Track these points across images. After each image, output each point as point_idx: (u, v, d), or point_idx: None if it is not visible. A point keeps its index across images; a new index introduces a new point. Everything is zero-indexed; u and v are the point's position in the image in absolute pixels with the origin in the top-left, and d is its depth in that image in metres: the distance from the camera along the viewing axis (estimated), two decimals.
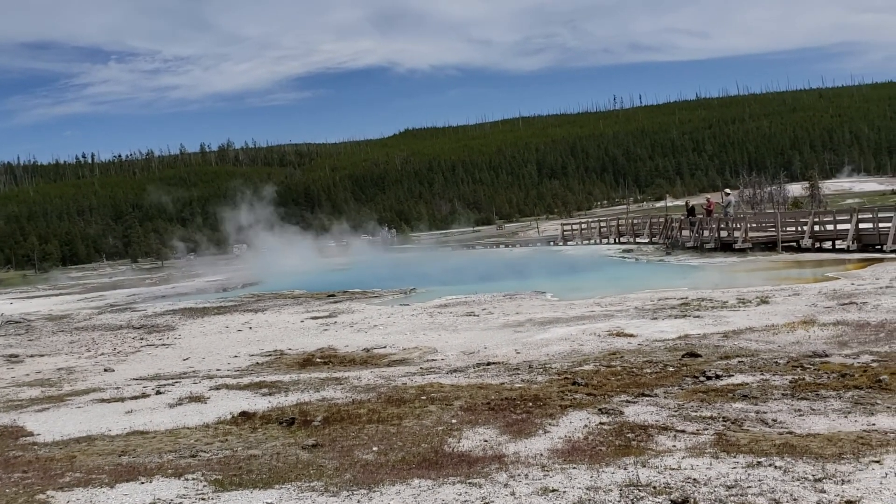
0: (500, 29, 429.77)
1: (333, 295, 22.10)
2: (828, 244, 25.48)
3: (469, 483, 5.25)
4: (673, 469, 5.24)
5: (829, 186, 73.40)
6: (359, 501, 5.05)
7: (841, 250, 24.13)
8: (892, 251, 21.71)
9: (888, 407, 6.92)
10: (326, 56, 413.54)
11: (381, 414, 7.75)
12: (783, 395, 7.69)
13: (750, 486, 4.78)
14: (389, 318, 16.36)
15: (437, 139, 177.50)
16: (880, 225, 23.06)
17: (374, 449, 6.50)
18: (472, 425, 7.09)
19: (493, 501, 4.83)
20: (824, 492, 4.61)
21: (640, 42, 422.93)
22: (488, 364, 10.56)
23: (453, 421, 7.28)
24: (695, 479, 4.98)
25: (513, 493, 4.95)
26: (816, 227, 25.85)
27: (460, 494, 5.03)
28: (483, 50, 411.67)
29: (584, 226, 46.65)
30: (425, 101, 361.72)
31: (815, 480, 4.81)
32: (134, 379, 11.32)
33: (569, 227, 48.50)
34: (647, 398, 7.86)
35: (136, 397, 9.58)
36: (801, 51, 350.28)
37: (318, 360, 12.25)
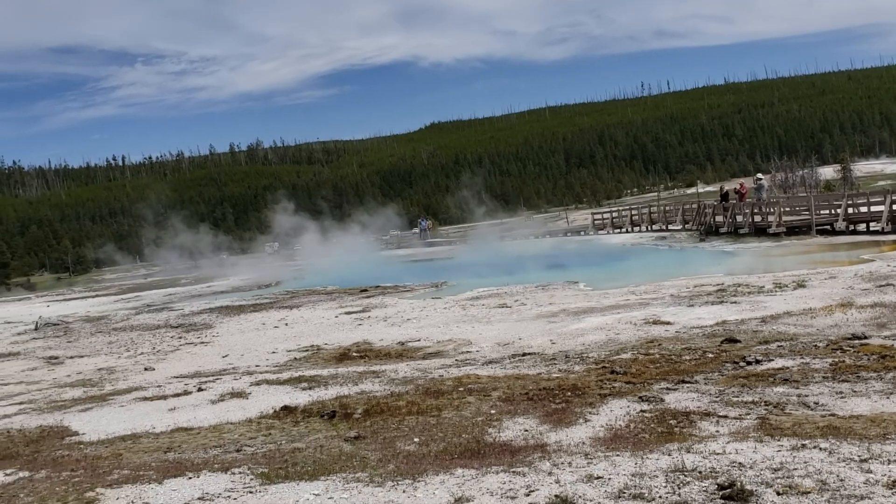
0: (524, 19, 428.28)
1: (366, 290, 22.20)
2: (862, 226, 25.20)
3: (513, 472, 5.28)
4: (718, 454, 5.23)
5: (861, 168, 72.40)
6: (404, 491, 5.10)
7: (875, 232, 23.85)
8: None
9: None
10: (351, 53, 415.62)
11: (420, 406, 7.80)
12: (824, 377, 7.64)
13: (796, 468, 4.77)
14: (422, 312, 16.42)
15: (463, 132, 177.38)
16: None
17: (416, 440, 6.54)
18: (511, 415, 7.11)
19: (537, 489, 4.86)
20: (871, 472, 4.60)
21: (666, 28, 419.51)
22: (524, 355, 10.58)
23: (492, 411, 7.31)
24: (740, 463, 4.98)
25: (557, 481, 4.97)
26: (850, 210, 25.58)
27: (504, 483, 5.06)
28: (507, 41, 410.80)
29: (615, 214, 46.42)
30: (451, 95, 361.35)
31: (861, 461, 4.80)
32: (175, 377, 11.47)
33: (599, 216, 48.29)
34: (688, 385, 7.84)
35: (178, 395, 9.70)
36: (827, 33, 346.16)
37: (355, 354, 12.33)
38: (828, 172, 57.68)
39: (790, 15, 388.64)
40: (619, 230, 42.49)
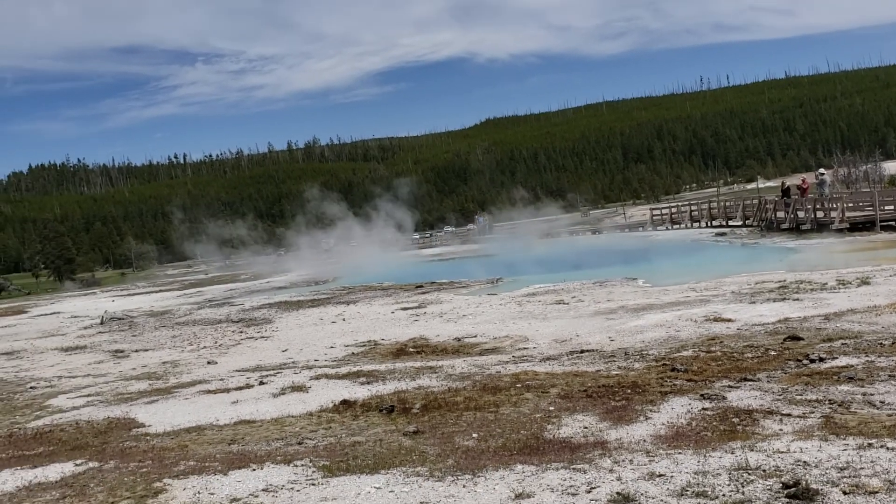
0: (579, 14, 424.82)
1: (421, 286, 22.30)
2: None
3: (573, 469, 5.28)
4: (782, 452, 5.16)
5: None
6: (464, 486, 5.13)
7: None
8: None
9: None
10: (406, 50, 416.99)
11: (477, 401, 7.83)
12: (890, 376, 7.47)
13: (863, 468, 4.68)
14: (478, 308, 16.43)
15: (518, 127, 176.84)
16: None
17: (474, 435, 6.57)
18: (570, 412, 7.10)
19: (599, 486, 4.85)
20: None
21: (724, 22, 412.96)
22: (582, 352, 10.53)
23: (551, 408, 7.30)
24: (805, 462, 4.90)
25: (619, 479, 4.95)
26: None
27: (565, 480, 5.05)
28: (562, 36, 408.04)
29: (673, 210, 45.87)
30: (506, 90, 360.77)
31: None
32: (236, 370, 11.68)
33: (658, 212, 47.77)
34: (750, 383, 7.73)
35: (240, 388, 9.88)
36: (891, 25, 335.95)
37: (411, 349, 12.40)
38: (892, 167, 56.14)
39: (853, 6, 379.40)
40: (677, 226, 41.98)
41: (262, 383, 10.02)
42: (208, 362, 13.04)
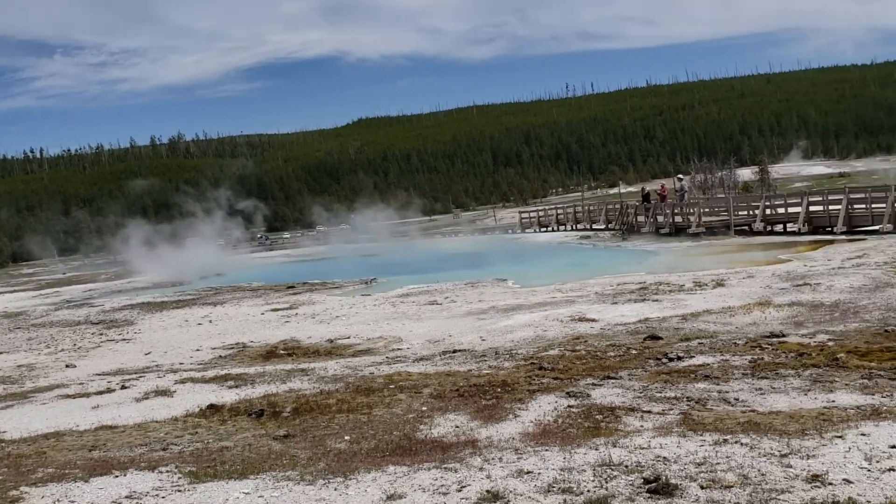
0: (450, 18, 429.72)
1: (293, 287, 22.02)
2: (779, 227, 25.98)
3: (444, 468, 5.33)
4: (643, 448, 5.37)
5: (779, 170, 74.54)
6: (336, 489, 5.10)
7: (792, 233, 24.62)
8: (842, 233, 22.24)
9: (846, 384, 7.13)
10: (276, 47, 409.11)
11: (350, 404, 7.79)
12: (744, 374, 7.88)
13: (719, 463, 4.92)
14: (351, 309, 16.37)
15: (391, 128, 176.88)
16: (830, 207, 23.61)
17: (347, 438, 6.54)
18: (442, 412, 7.16)
19: (469, 485, 4.92)
20: (791, 466, 4.77)
21: (589, 30, 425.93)
22: (454, 352, 10.65)
23: (423, 408, 7.35)
24: (665, 458, 5.12)
25: (488, 476, 5.04)
26: (768, 211, 26.35)
27: (436, 479, 5.10)
28: (433, 39, 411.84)
29: (541, 213, 46.97)
30: (377, 91, 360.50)
31: (781, 456, 4.97)
32: (97, 374, 11.22)
33: (526, 215, 48.80)
34: (613, 381, 8.00)
35: (101, 392, 9.49)
36: (747, 37, 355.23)
37: (282, 351, 12.23)
38: (746, 174, 59.14)
39: (711, 18, 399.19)
40: (545, 229, 43.01)
41: (124, 387, 9.66)
42: (67, 365, 12.47)
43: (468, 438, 6.21)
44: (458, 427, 6.61)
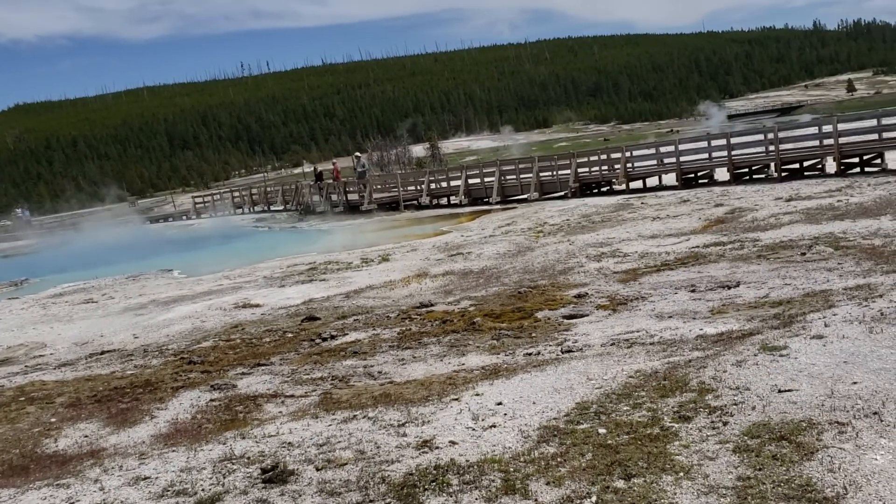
0: None
1: None
2: (444, 200, 27.34)
3: (57, 484, 4.93)
4: (271, 436, 5.31)
5: (449, 146, 78.76)
6: None
7: (455, 205, 26.03)
8: (496, 203, 23.90)
9: (477, 346, 7.60)
10: None
11: None
12: (390, 347, 8.12)
13: (340, 442, 4.98)
14: None
15: (53, 114, 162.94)
16: (486, 180, 25.27)
17: None
18: (73, 421, 6.66)
19: (79, 500, 4.57)
20: (405, 435, 4.94)
21: (262, 9, 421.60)
22: (102, 353, 9.99)
23: (52, 420, 6.78)
24: (290, 443, 5.09)
25: (102, 488, 4.72)
26: (433, 186, 27.62)
27: (45, 499, 4.71)
28: (94, 18, 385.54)
29: (216, 197, 45.63)
30: (35, 74, 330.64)
31: (399, 426, 5.13)
32: None
33: (201, 199, 47.15)
34: (263, 367, 7.90)
35: None
36: (414, 17, 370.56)
37: None
38: (419, 150, 61.60)
39: None
40: (221, 213, 41.85)
41: None
42: None
43: (93, 448, 5.81)
44: (86, 437, 6.17)
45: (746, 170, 20.27)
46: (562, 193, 22.85)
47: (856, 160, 18.27)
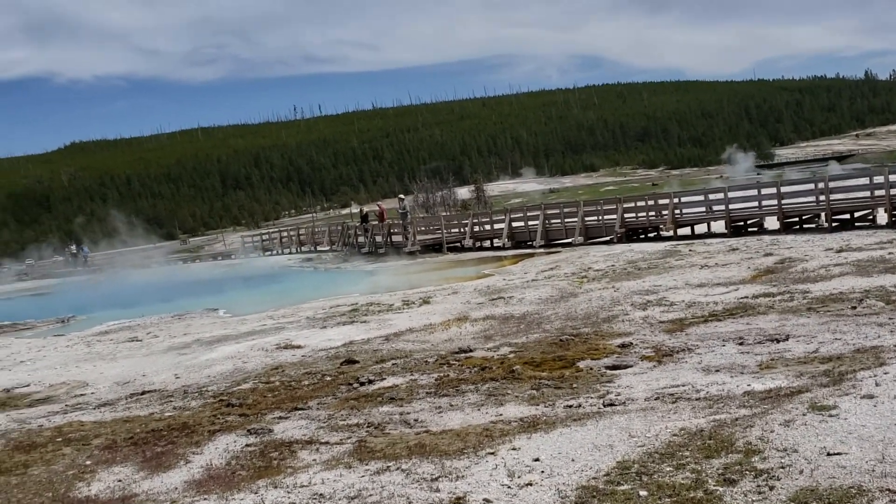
0: (167, 38, 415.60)
1: None
2: (487, 243, 27.29)
3: None
4: (303, 486, 5.21)
5: (494, 188, 78.78)
6: None
7: (499, 248, 25.96)
8: (540, 246, 23.75)
9: (516, 396, 7.43)
10: None
11: (6, 464, 7.01)
12: (427, 393, 7.98)
13: (371, 495, 4.86)
14: (40, 352, 14.96)
15: (108, 152, 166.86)
16: (530, 223, 25.17)
17: None
18: (108, 465, 6.62)
19: None
20: (438, 491, 4.80)
21: (314, 54, 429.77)
22: (142, 393, 9.98)
23: (87, 462, 6.76)
24: (321, 495, 4.98)
25: None
26: (476, 228, 27.61)
27: None
28: (151, 60, 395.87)
29: (265, 237, 46.15)
30: (92, 113, 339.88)
31: (432, 480, 5.00)
32: None
33: (250, 239, 47.75)
34: (300, 412, 7.82)
35: None
36: (463, 63, 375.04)
37: None
38: (465, 193, 61.78)
39: (429, 45, 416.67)
40: (269, 252, 42.29)
41: None
42: None
43: (125, 494, 5.75)
44: (119, 481, 6.11)
45: (797, 219, 19.93)
46: (607, 238, 22.67)
47: None
